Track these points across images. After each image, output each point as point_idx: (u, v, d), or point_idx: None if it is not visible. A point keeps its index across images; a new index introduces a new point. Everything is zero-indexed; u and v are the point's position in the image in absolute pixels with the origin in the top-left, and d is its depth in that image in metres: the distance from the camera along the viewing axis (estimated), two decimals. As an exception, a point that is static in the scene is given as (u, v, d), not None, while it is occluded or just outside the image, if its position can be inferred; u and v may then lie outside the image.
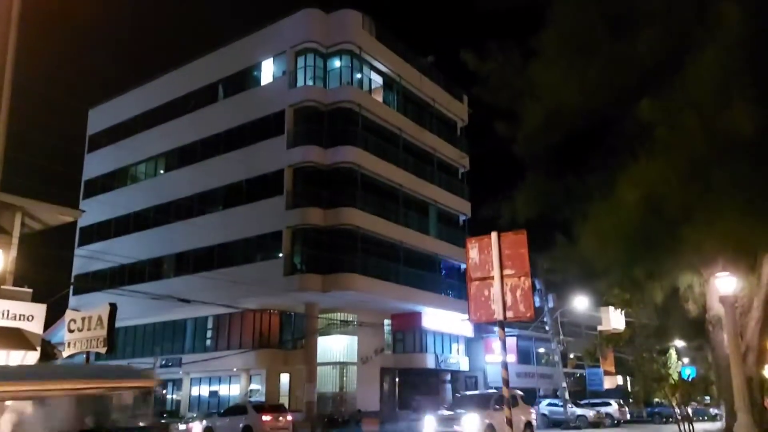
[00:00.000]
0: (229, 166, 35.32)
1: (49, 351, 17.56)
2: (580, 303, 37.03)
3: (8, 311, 15.22)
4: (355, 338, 35.68)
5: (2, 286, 15.87)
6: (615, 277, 12.99)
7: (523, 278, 6.73)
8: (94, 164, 44.13)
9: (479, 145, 43.77)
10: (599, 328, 44.55)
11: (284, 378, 34.58)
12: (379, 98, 37.49)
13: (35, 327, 16.18)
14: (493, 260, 6.85)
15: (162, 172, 40.77)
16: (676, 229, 10.20)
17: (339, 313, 35.34)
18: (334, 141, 33.87)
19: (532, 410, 22.71)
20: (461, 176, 43.54)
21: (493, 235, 6.94)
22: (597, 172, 11.89)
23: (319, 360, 33.50)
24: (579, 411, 35.70)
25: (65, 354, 17.22)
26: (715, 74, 9.18)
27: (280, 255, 32.70)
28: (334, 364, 35.49)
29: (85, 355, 16.99)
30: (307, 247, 32.81)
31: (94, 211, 37.60)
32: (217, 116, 37.21)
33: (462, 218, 42.41)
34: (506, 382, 6.77)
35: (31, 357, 16.28)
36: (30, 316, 15.88)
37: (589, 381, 48.23)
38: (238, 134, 35.96)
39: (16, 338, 15.31)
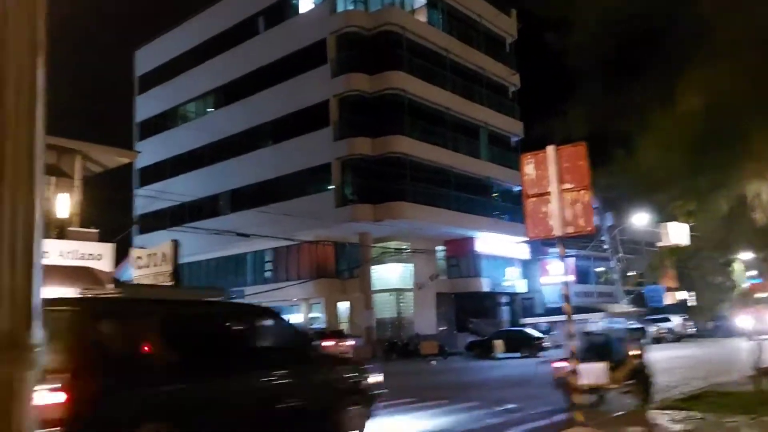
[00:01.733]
0: (275, 100, 35.23)
1: (119, 288, 18.41)
2: (640, 219, 36.21)
3: (77, 251, 15.92)
4: (410, 265, 36.08)
5: (70, 228, 16.56)
6: (677, 188, 12.50)
7: (582, 191, 6.48)
8: (146, 106, 44.82)
9: (530, 61, 42.08)
10: (659, 243, 43.68)
11: (343, 306, 35.52)
12: (423, 18, 36.23)
13: (105, 265, 16.91)
14: (550, 175, 6.61)
15: (211, 110, 41.11)
16: (743, 134, 9.64)
17: (392, 242, 35.66)
18: (378, 67, 33.16)
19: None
20: (512, 95, 42.23)
21: (550, 148, 6.67)
22: (656, 80, 11.24)
23: (375, 287, 34.16)
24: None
25: (135, 290, 18.01)
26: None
27: (331, 187, 32.91)
28: (390, 291, 36.14)
29: (153, 290, 17.75)
30: (357, 177, 32.86)
31: (149, 152, 38.47)
32: (259, 50, 36.88)
33: (514, 139, 41.45)
34: (567, 297, 6.66)
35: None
36: (98, 255, 16.58)
37: (649, 297, 47.68)
38: (282, 67, 35.63)
39: (88, 277, 16.06)
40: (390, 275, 36.27)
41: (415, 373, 21.51)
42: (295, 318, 36.59)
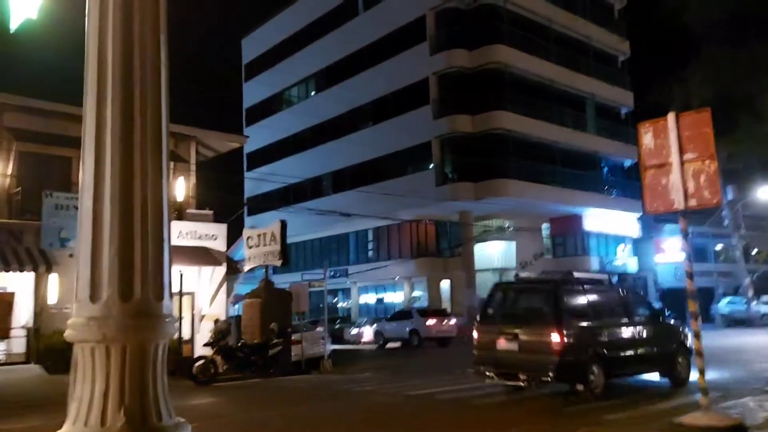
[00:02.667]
0: (375, 80, 35.43)
1: (233, 266, 19.37)
2: (766, 193, 33.42)
3: (195, 231, 16.87)
4: (513, 243, 35.38)
5: (187, 210, 17.58)
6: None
7: (707, 161, 5.97)
8: (252, 92, 46.56)
9: (641, 28, 39.50)
10: (789, 219, 40.01)
11: (444, 284, 35.46)
12: (524, -11, 34.96)
13: (219, 245, 17.82)
14: (671, 144, 6.14)
15: (313, 93, 42.05)
16: None
17: (494, 220, 35.06)
18: (478, 41, 32.45)
19: None
20: (621, 64, 39.99)
21: (670, 116, 6.17)
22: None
23: (477, 266, 33.81)
24: (766, 309, 32.98)
25: (246, 268, 18.83)
26: None
27: (431, 166, 32.77)
28: (493, 269, 35.64)
29: (264, 269, 18.49)
30: (457, 155, 32.49)
31: (256, 136, 40.00)
32: (358, 31, 37.17)
33: (624, 110, 39.31)
34: (690, 275, 6.22)
35: (219, 272, 18.06)
36: (213, 235, 17.50)
37: (777, 277, 44.01)
38: (381, 47, 35.73)
39: (205, 256, 17.02)
40: (492, 254, 35.77)
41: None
42: (398, 296, 37.05)
